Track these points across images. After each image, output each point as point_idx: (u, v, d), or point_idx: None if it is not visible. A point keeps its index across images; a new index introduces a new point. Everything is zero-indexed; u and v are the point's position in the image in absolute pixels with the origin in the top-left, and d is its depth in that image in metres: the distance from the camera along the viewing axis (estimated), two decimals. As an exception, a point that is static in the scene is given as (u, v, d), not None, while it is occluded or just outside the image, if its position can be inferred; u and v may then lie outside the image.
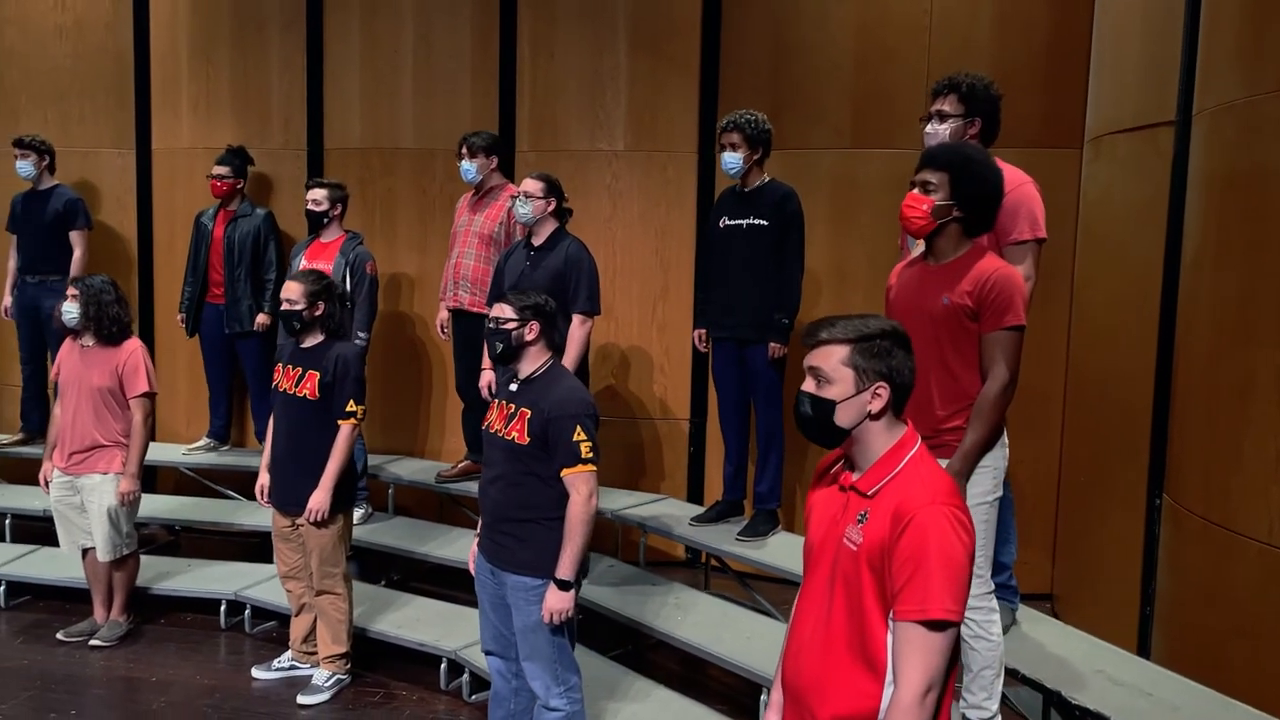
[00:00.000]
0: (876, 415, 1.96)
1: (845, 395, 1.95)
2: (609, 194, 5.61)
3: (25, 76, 6.19)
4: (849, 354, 1.95)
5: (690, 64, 5.50)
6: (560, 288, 4.35)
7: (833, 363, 1.96)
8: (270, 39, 5.91)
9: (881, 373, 1.95)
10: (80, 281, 4.62)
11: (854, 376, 1.95)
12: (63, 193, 5.73)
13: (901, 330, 2.00)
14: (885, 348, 1.95)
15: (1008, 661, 3.14)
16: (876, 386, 1.95)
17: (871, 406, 1.95)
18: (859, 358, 1.95)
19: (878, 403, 1.95)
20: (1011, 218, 3.24)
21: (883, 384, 1.95)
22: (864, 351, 1.95)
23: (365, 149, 5.86)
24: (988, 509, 2.85)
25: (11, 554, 5.24)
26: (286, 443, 4.10)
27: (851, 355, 1.95)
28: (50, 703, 4.05)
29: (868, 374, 1.94)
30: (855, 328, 1.96)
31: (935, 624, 1.80)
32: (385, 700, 4.15)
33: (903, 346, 1.98)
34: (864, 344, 1.95)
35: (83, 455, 4.54)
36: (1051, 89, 5.18)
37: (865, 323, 1.98)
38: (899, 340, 1.98)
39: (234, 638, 4.75)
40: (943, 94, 3.44)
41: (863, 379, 1.94)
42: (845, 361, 1.95)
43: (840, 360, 1.95)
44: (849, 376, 1.95)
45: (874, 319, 2.00)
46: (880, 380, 1.95)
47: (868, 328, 1.96)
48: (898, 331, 1.99)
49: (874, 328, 1.97)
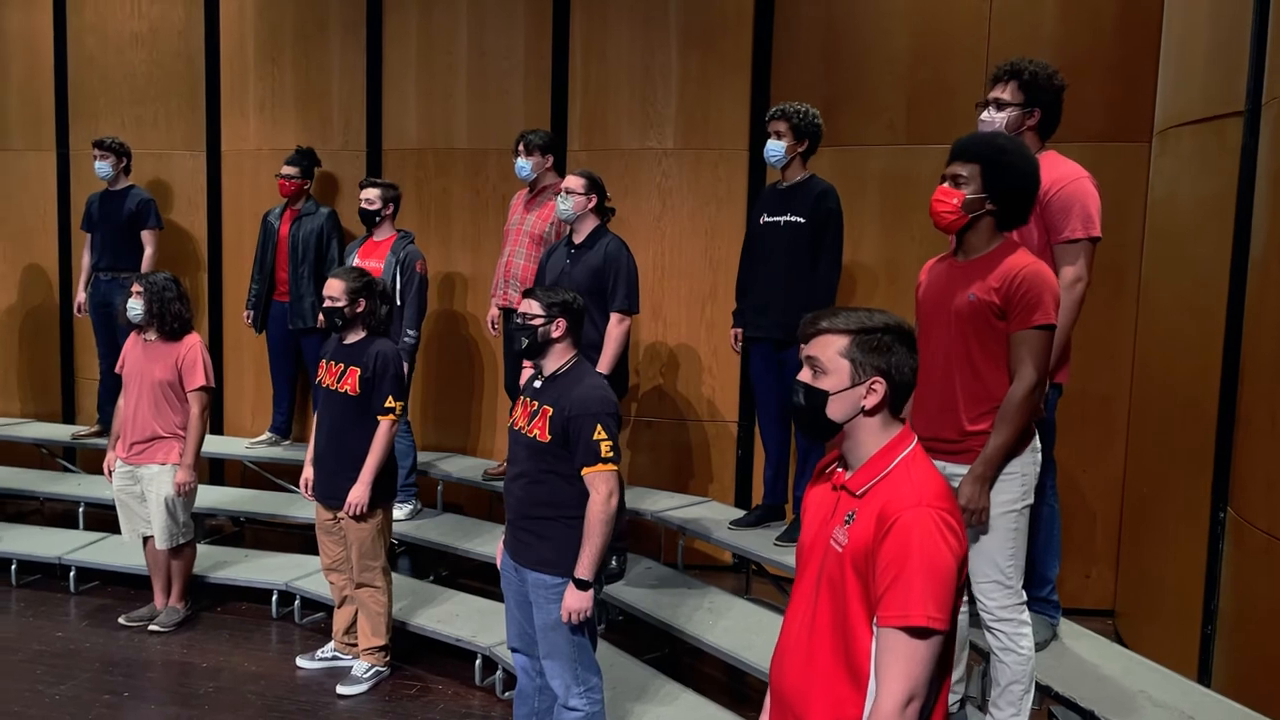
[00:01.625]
0: (871, 411, 1.89)
1: (840, 387, 1.89)
2: (659, 193, 5.58)
3: (104, 82, 6.45)
4: (847, 345, 1.90)
5: (742, 61, 5.44)
6: (599, 285, 4.34)
7: (830, 353, 1.91)
8: (331, 42, 6.04)
9: (879, 368, 1.88)
10: (144, 278, 4.78)
11: (850, 369, 1.89)
12: (136, 193, 5.94)
13: (906, 327, 1.93)
14: (886, 343, 1.89)
15: (1043, 678, 3.02)
16: (873, 381, 1.88)
17: (866, 401, 1.89)
18: (857, 350, 1.89)
19: (873, 398, 1.89)
20: (1063, 214, 3.11)
21: (879, 379, 1.88)
22: (863, 344, 1.89)
23: (421, 149, 5.94)
24: (1016, 517, 2.73)
25: (83, 540, 5.46)
26: (328, 438, 4.17)
27: (850, 347, 1.89)
28: (106, 684, 4.20)
29: (865, 367, 1.88)
30: (858, 320, 1.91)
31: (917, 631, 1.73)
32: (421, 694, 4.20)
33: (905, 343, 1.91)
34: (864, 336, 1.89)
35: (143, 446, 4.70)
36: (1119, 79, 4.97)
37: (869, 316, 1.92)
38: (901, 337, 1.91)
39: (284, 627, 4.87)
40: (1003, 80, 3.30)
41: (859, 372, 1.88)
42: (843, 353, 1.90)
43: (838, 351, 1.90)
44: (845, 368, 1.89)
45: (879, 313, 1.93)
46: (877, 375, 1.88)
47: (870, 321, 1.90)
48: (901, 328, 1.92)
49: (877, 321, 1.90)
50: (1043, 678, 2.98)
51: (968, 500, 2.66)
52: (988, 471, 2.67)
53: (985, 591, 2.77)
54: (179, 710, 4.02)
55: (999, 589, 2.74)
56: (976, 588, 2.79)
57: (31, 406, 6.83)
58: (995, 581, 2.75)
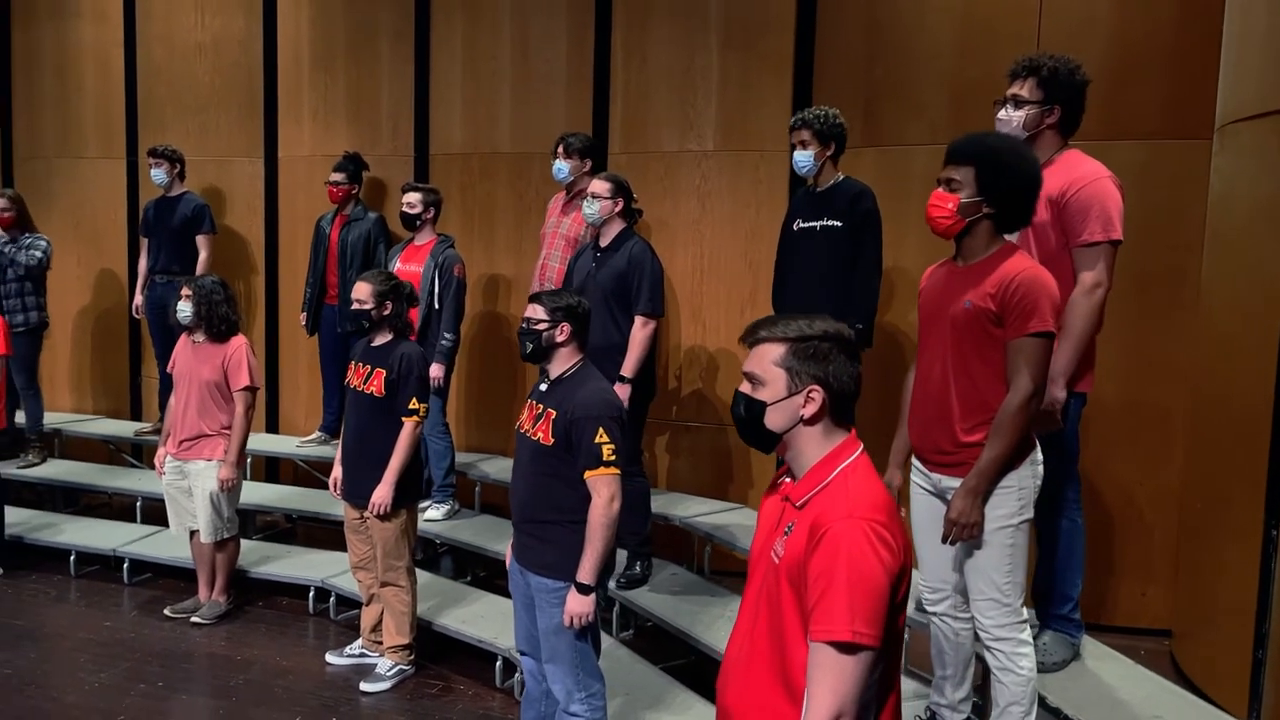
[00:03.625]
0: (810, 420, 1.83)
1: (777, 397, 1.85)
2: (697, 195, 5.53)
3: (170, 91, 6.69)
4: (783, 354, 1.85)
5: (783, 60, 5.35)
6: (624, 288, 4.33)
7: (766, 363, 1.86)
8: (381, 49, 6.15)
9: (816, 376, 1.83)
10: (193, 282, 4.93)
11: (786, 378, 1.84)
12: (190, 199, 6.14)
13: (846, 334, 1.87)
14: (823, 350, 1.83)
15: (1055, 700, 2.88)
16: (810, 390, 1.83)
17: (804, 411, 1.83)
18: (793, 359, 1.84)
19: (811, 407, 1.83)
20: (1082, 216, 2.98)
21: (816, 387, 1.82)
22: (798, 353, 1.84)
23: (466, 154, 6.01)
24: (1012, 533, 2.61)
25: (138, 534, 5.67)
26: (355, 438, 4.24)
27: (785, 356, 1.84)
28: (143, 674, 4.34)
29: (801, 376, 1.83)
30: (796, 328, 1.86)
31: (844, 646, 1.66)
32: (443, 693, 4.23)
33: (845, 351, 1.85)
34: (799, 345, 1.84)
35: (190, 443, 4.84)
36: (1178, 72, 4.72)
37: (809, 323, 1.86)
38: (842, 344, 1.85)
39: (320, 623, 4.96)
40: (1020, 77, 3.19)
41: (795, 381, 1.83)
42: (779, 362, 1.85)
43: (773, 361, 1.85)
44: (781, 378, 1.85)
45: (820, 321, 1.87)
46: (814, 383, 1.83)
47: (808, 329, 1.85)
48: (842, 335, 1.86)
49: (815, 329, 1.85)
50: (1054, 699, 2.85)
51: (959, 514, 2.56)
52: (981, 484, 2.57)
53: (982, 610, 2.66)
54: (207, 701, 4.13)
55: (995, 607, 2.63)
56: (974, 605, 2.68)
57: (102, 404, 7.12)
58: (991, 599, 2.64)
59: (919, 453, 2.82)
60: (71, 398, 7.18)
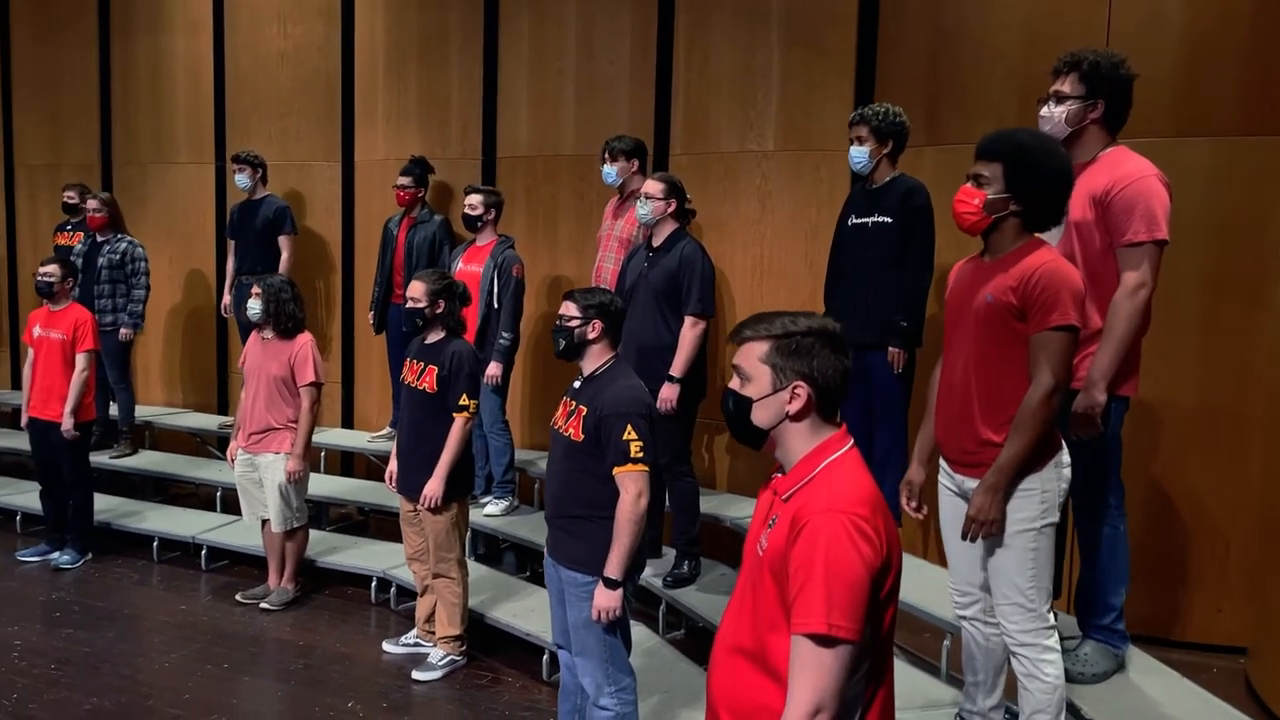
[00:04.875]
0: (796, 416, 1.84)
1: (762, 393, 1.86)
2: (758, 195, 5.51)
3: (254, 98, 6.97)
4: (768, 351, 1.86)
5: (846, 58, 5.29)
6: (674, 288, 4.35)
7: (752, 360, 1.88)
8: (451, 54, 6.30)
9: (801, 372, 1.83)
10: (263, 280, 5.13)
11: (771, 374, 1.85)
12: (273, 201, 6.39)
13: (832, 330, 1.87)
14: (807, 346, 1.84)
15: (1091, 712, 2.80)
16: (795, 386, 1.83)
17: (790, 407, 1.84)
18: (777, 355, 1.85)
19: (796, 403, 1.83)
20: (1125, 216, 2.88)
21: (801, 383, 1.83)
22: (783, 349, 1.84)
23: (531, 156, 6.11)
24: (1035, 536, 2.55)
25: (217, 522, 5.92)
26: (409, 433, 4.36)
27: (770, 352, 1.86)
28: (211, 656, 4.54)
29: (786, 372, 1.84)
30: (780, 325, 1.87)
31: (822, 639, 1.66)
32: (491, 684, 4.31)
33: (830, 346, 1.85)
34: (784, 341, 1.85)
35: (259, 436, 5.05)
36: (1255, 67, 4.50)
37: (793, 320, 1.87)
38: (828, 340, 1.85)
39: (381, 612, 5.11)
40: (1062, 73, 3.11)
41: (780, 377, 1.84)
42: (764, 359, 1.86)
43: (759, 357, 1.87)
44: (766, 374, 1.86)
45: (805, 317, 1.88)
46: (799, 379, 1.83)
47: (793, 325, 1.86)
48: (827, 331, 1.86)
49: (800, 325, 1.86)
50: (1089, 710, 2.76)
51: (977, 511, 2.51)
52: (1000, 482, 2.51)
53: (1006, 614, 2.60)
54: (267, 684, 4.30)
55: (1020, 612, 2.56)
56: (997, 610, 2.62)
57: (191, 398, 7.46)
58: (1016, 604, 2.57)
59: (944, 453, 2.77)
60: (163, 392, 7.54)
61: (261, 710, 4.06)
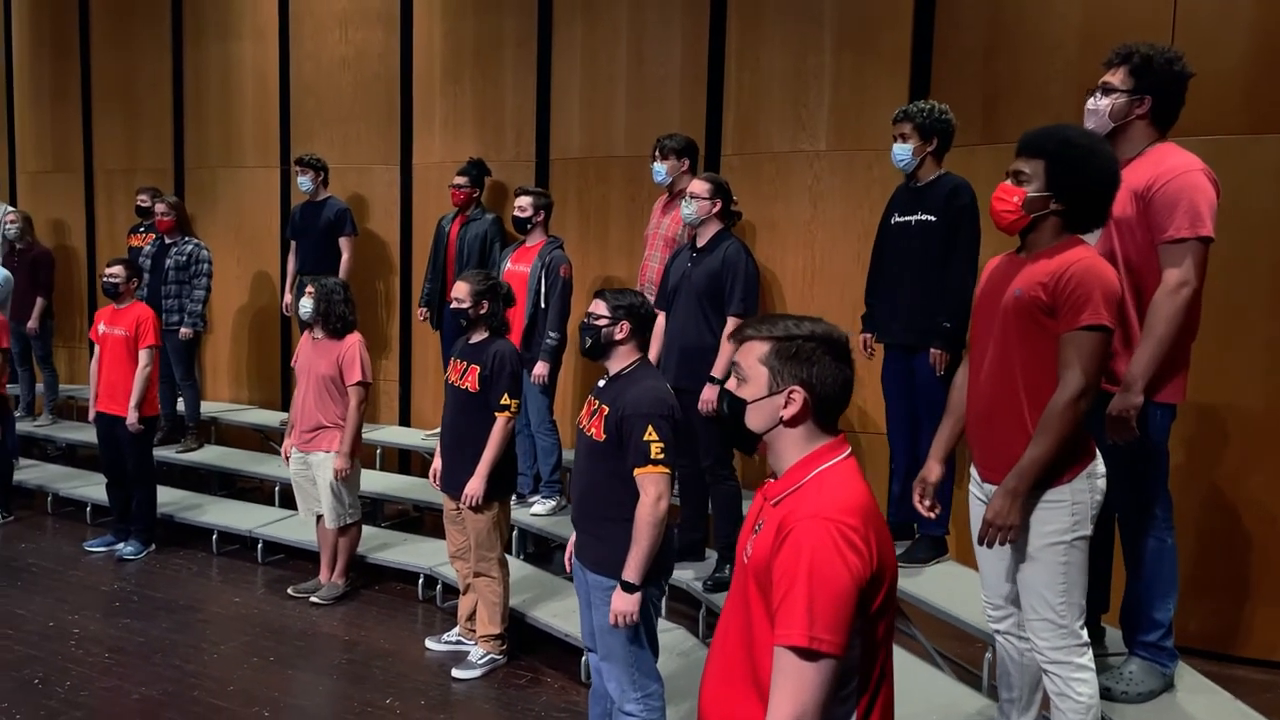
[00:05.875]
0: (791, 422, 1.78)
1: (757, 396, 1.80)
2: (809, 196, 5.43)
3: (318, 103, 7.12)
4: (767, 353, 1.81)
5: (899, 57, 5.18)
6: (717, 289, 4.31)
7: (751, 359, 1.83)
8: (505, 58, 6.35)
9: (799, 377, 1.77)
10: (316, 281, 5.22)
11: (768, 377, 1.79)
12: (334, 203, 6.51)
13: (836, 336, 1.80)
14: (807, 351, 1.78)
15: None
16: (791, 390, 1.77)
17: (784, 412, 1.78)
18: (775, 358, 1.79)
19: (791, 408, 1.77)
20: (1168, 211, 2.75)
21: (798, 389, 1.77)
22: (781, 352, 1.79)
23: (583, 158, 6.12)
24: (1065, 549, 2.44)
25: (273, 516, 6.05)
26: (451, 431, 4.39)
27: (769, 355, 1.80)
28: (259, 648, 4.63)
29: (782, 376, 1.78)
30: (783, 327, 1.81)
31: (804, 652, 1.60)
32: (531, 684, 4.31)
33: (833, 355, 1.79)
34: (783, 344, 1.80)
35: (310, 434, 5.14)
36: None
37: (797, 324, 1.82)
38: (830, 346, 1.79)
39: (427, 609, 5.16)
40: (1113, 65, 2.99)
41: (776, 380, 1.79)
42: (762, 360, 1.81)
43: (758, 358, 1.82)
44: (763, 376, 1.81)
45: (809, 321, 1.82)
46: (796, 384, 1.77)
47: (796, 329, 1.81)
48: (831, 337, 1.80)
49: (803, 330, 1.80)
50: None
51: (994, 515, 2.41)
52: (1020, 486, 2.41)
53: (1036, 630, 2.49)
54: (310, 678, 4.36)
55: (1050, 628, 2.46)
56: (1028, 626, 2.51)
57: (256, 395, 7.65)
58: (1046, 620, 2.47)
59: (975, 460, 2.68)
60: (230, 389, 7.75)
61: (302, 704, 4.12)
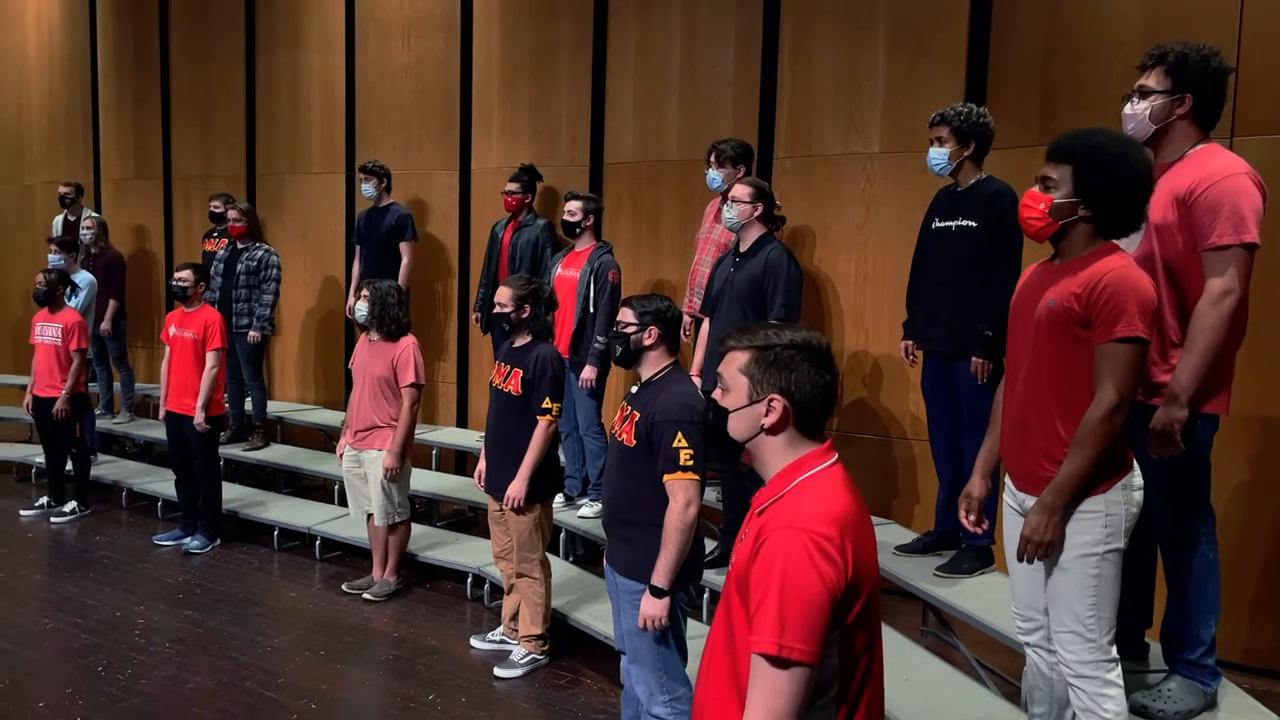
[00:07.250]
0: (772, 430, 1.77)
1: (738, 404, 1.81)
2: (862, 198, 5.36)
3: (381, 111, 7.28)
4: (747, 362, 1.82)
5: (955, 58, 5.09)
6: (759, 293, 4.29)
7: (732, 369, 1.84)
8: (561, 63, 6.41)
9: (779, 385, 1.78)
10: (372, 284, 5.34)
11: (748, 386, 1.80)
12: (396, 209, 6.65)
13: (817, 343, 1.80)
14: (787, 358, 1.78)
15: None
16: (770, 399, 1.77)
17: (765, 420, 1.78)
18: (755, 367, 1.80)
19: (772, 416, 1.78)
20: (1210, 217, 2.66)
21: (777, 396, 1.77)
22: (761, 360, 1.80)
23: (636, 162, 6.14)
24: (1097, 562, 2.37)
25: (332, 514, 6.20)
26: (495, 434, 4.44)
27: (749, 364, 1.81)
28: (312, 642, 4.75)
29: (762, 384, 1.79)
30: (763, 336, 1.83)
31: (774, 660, 1.60)
32: (570, 685, 4.34)
33: (813, 361, 1.78)
34: (763, 352, 1.80)
35: (364, 433, 5.26)
36: None
37: (777, 332, 1.82)
38: (811, 354, 1.78)
39: (475, 608, 5.23)
40: (1148, 67, 2.91)
41: (756, 389, 1.79)
42: (742, 369, 1.82)
43: (738, 368, 1.83)
44: (744, 385, 1.82)
45: (790, 329, 1.82)
46: (776, 392, 1.77)
47: (775, 337, 1.81)
48: (810, 344, 1.80)
49: (783, 338, 1.80)
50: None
51: (1032, 531, 2.36)
52: (1058, 501, 2.35)
53: (1064, 643, 2.43)
54: (356, 672, 4.46)
55: (1079, 641, 2.39)
56: (1055, 638, 2.45)
57: (322, 395, 7.86)
58: (1074, 633, 2.40)
59: (1007, 468, 2.62)
60: (297, 389, 7.97)
61: (348, 698, 4.21)
